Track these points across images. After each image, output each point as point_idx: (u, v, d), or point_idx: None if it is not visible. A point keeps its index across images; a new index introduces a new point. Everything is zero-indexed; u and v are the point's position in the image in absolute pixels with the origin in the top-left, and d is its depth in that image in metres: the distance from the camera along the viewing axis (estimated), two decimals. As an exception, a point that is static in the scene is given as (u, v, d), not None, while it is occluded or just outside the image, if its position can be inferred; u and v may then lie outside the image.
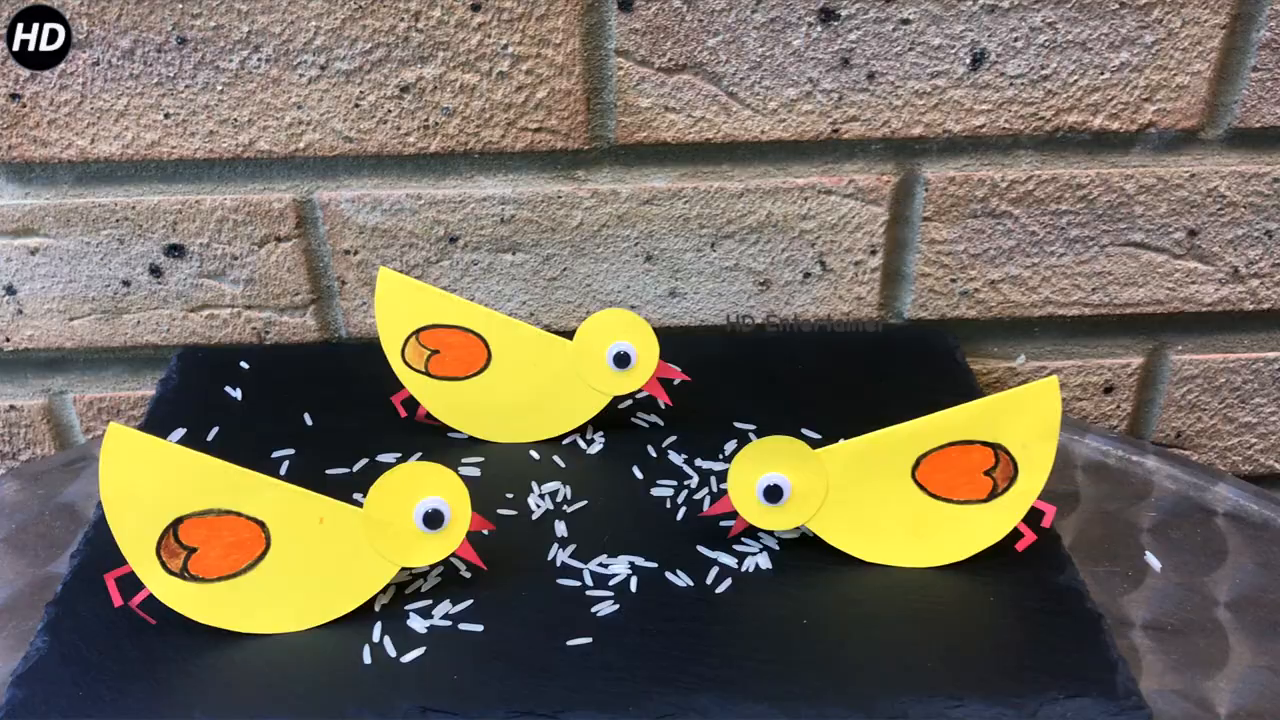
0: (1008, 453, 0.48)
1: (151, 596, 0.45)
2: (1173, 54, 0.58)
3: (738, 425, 0.57)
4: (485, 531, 0.48)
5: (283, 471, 0.54)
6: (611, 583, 0.48)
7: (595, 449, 0.56)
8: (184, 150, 0.60)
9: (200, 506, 0.44)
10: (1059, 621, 0.46)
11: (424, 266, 0.63)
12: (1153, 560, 0.53)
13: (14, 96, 0.57)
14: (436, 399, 0.56)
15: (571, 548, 0.50)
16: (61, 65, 0.57)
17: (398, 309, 0.55)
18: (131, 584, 0.45)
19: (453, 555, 0.46)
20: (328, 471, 0.54)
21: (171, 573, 0.45)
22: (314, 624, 0.46)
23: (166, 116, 0.59)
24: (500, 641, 0.45)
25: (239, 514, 0.45)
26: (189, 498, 0.44)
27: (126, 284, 0.63)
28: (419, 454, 0.55)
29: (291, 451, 0.55)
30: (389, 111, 0.59)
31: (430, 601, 0.47)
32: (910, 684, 0.43)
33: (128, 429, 0.43)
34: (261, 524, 0.45)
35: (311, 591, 0.46)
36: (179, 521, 0.44)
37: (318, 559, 0.45)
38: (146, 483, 0.44)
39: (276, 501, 0.45)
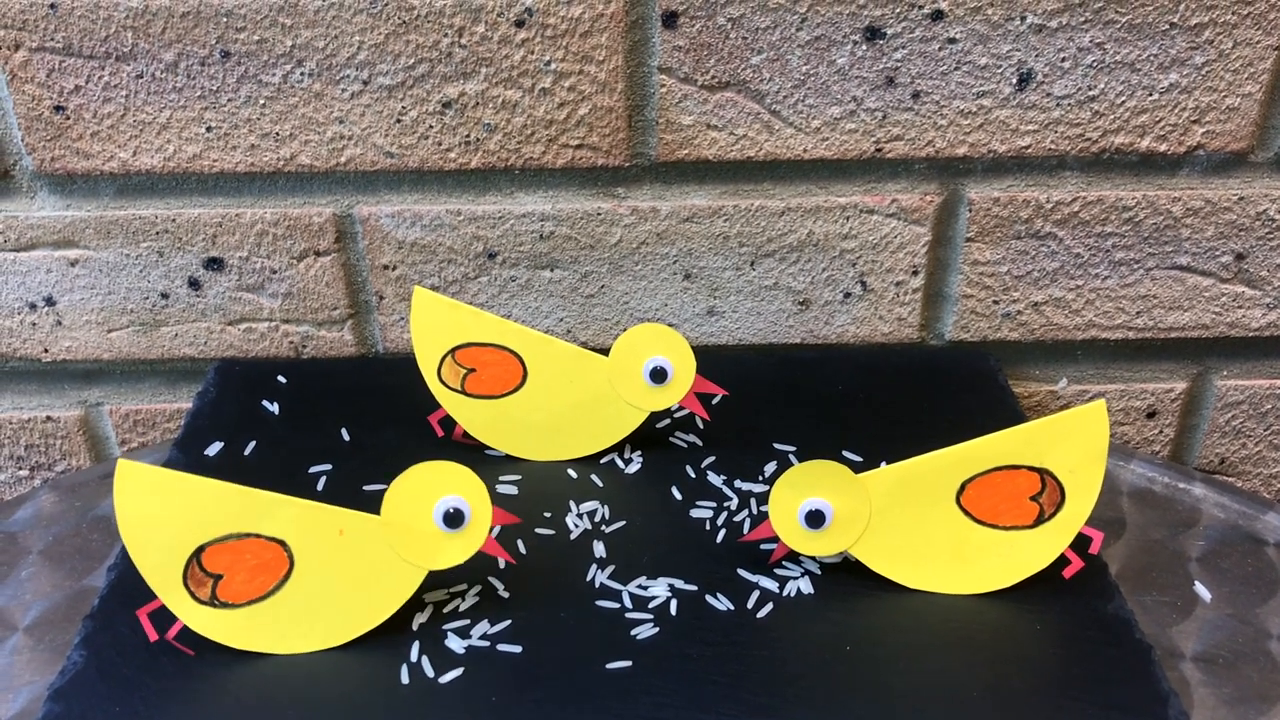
0: (1054, 478, 0.47)
1: (187, 627, 0.45)
2: (1223, 75, 0.58)
3: (777, 446, 0.56)
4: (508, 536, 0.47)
5: (320, 487, 0.54)
6: (651, 605, 0.47)
7: (633, 468, 0.55)
8: (225, 163, 0.60)
9: (219, 533, 0.44)
10: (1108, 652, 0.45)
11: (462, 282, 0.63)
12: (1202, 590, 0.52)
13: (58, 109, 0.58)
14: (473, 418, 0.56)
15: (610, 568, 0.49)
16: (106, 77, 0.57)
17: (433, 328, 0.55)
18: (165, 617, 0.45)
19: (481, 553, 0.46)
20: (365, 487, 0.54)
21: (201, 602, 0.44)
22: (350, 638, 0.46)
23: (208, 130, 0.59)
24: (539, 663, 0.44)
25: (259, 535, 0.44)
26: (207, 525, 0.44)
27: (165, 296, 0.63)
28: (456, 471, 0.55)
29: (329, 467, 0.55)
30: (430, 127, 0.59)
31: (468, 621, 0.46)
32: (954, 714, 0.42)
33: (136, 464, 0.43)
34: (283, 543, 0.45)
35: (342, 605, 0.45)
36: (201, 550, 0.44)
37: (344, 572, 0.45)
38: (163, 515, 0.44)
39: (294, 519, 0.44)
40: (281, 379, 0.62)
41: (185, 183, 0.61)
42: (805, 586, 0.48)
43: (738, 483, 0.54)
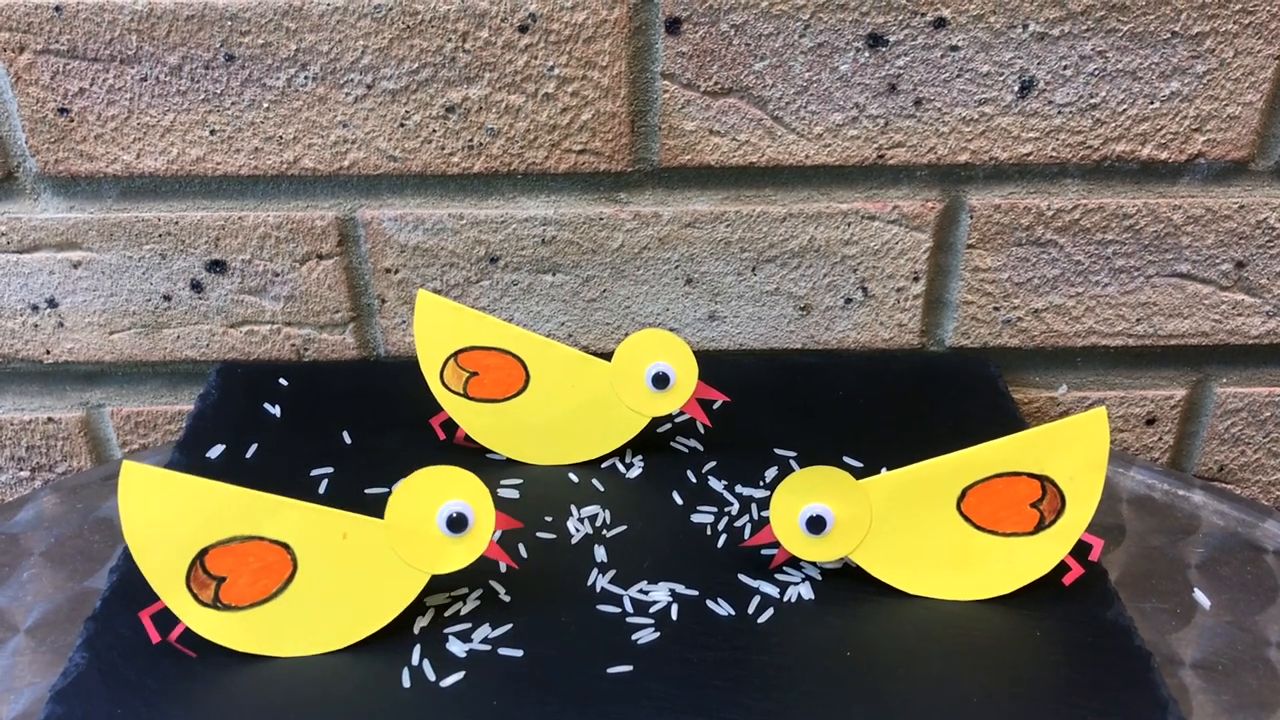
0: (1055, 484, 0.47)
1: (189, 629, 0.45)
2: (1224, 84, 0.58)
3: (778, 451, 0.57)
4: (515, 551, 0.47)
5: (321, 490, 0.54)
6: (652, 610, 0.47)
7: (634, 473, 0.56)
8: (228, 166, 0.60)
9: (223, 535, 0.44)
10: (1107, 659, 0.45)
11: (464, 286, 0.63)
12: (1201, 598, 0.52)
13: (62, 111, 0.58)
14: (475, 421, 0.56)
15: (611, 573, 0.49)
16: (110, 80, 0.57)
17: (436, 331, 0.55)
18: (167, 619, 0.45)
19: (483, 557, 0.46)
20: (366, 490, 0.54)
21: (204, 604, 0.44)
22: (352, 641, 0.46)
23: (212, 133, 0.59)
24: (540, 667, 0.45)
25: (262, 538, 0.44)
26: (211, 527, 0.44)
27: (167, 299, 0.63)
28: (458, 474, 0.55)
29: (330, 470, 0.55)
30: (434, 131, 0.59)
31: (469, 625, 0.46)
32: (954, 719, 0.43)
33: (141, 466, 0.43)
34: (286, 546, 0.45)
35: (345, 609, 0.45)
36: (204, 552, 0.44)
37: (347, 575, 0.45)
38: (167, 517, 0.44)
39: (297, 522, 0.45)
40: (283, 382, 0.62)
41: (188, 185, 0.61)
42: (806, 592, 0.48)
43: (739, 488, 0.54)
